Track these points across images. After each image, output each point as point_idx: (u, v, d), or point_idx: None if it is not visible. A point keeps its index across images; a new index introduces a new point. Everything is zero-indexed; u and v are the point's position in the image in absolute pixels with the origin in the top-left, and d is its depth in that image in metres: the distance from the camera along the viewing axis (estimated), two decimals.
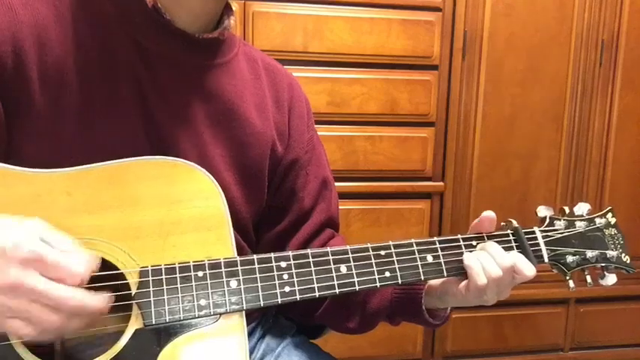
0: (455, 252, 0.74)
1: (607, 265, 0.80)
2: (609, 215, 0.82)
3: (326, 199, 0.86)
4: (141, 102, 0.68)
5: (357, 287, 0.69)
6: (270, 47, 1.60)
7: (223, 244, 0.66)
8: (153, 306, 0.61)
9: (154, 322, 0.61)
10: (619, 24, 1.83)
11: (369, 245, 0.72)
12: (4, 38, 0.60)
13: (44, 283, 0.51)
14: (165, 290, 0.62)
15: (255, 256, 0.67)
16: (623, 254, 0.81)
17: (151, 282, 0.62)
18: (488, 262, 0.72)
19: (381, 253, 0.71)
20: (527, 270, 0.72)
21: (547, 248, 0.78)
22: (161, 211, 0.64)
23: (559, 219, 0.80)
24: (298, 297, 0.67)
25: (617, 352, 2.09)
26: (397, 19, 1.69)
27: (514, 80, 1.81)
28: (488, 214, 0.76)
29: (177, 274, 0.63)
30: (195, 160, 0.67)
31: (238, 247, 0.68)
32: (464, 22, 1.74)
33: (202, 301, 0.63)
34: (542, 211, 0.81)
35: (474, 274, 0.71)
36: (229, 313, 0.64)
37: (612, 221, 0.82)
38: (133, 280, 0.61)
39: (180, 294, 0.62)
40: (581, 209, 0.82)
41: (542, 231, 0.79)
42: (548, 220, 0.80)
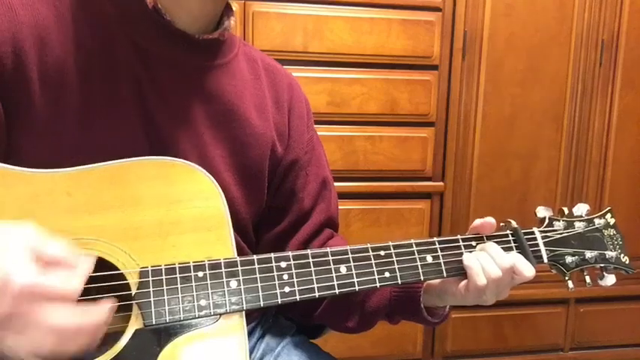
0: (454, 252, 0.74)
1: (606, 265, 0.81)
2: (608, 216, 0.83)
3: (326, 200, 0.86)
4: (141, 102, 0.68)
5: (356, 287, 0.69)
6: (270, 47, 1.60)
7: (223, 244, 0.66)
8: (153, 306, 0.61)
9: (154, 323, 0.61)
10: (619, 24, 1.83)
11: (368, 245, 0.72)
12: (4, 39, 0.60)
13: (38, 314, 0.49)
14: (165, 290, 0.62)
15: (255, 257, 0.67)
16: (622, 255, 0.81)
17: (151, 282, 0.62)
18: (488, 262, 0.72)
19: (381, 253, 0.72)
20: (527, 270, 0.73)
21: (546, 249, 0.78)
22: (161, 211, 0.64)
23: (558, 219, 0.81)
24: (298, 297, 0.67)
25: (617, 352, 2.09)
26: (397, 19, 1.68)
27: (514, 80, 1.81)
28: (490, 220, 0.77)
29: (178, 275, 0.63)
30: (195, 160, 0.67)
31: (238, 248, 0.68)
32: (464, 22, 1.74)
33: (202, 302, 0.63)
34: (542, 211, 0.81)
35: (474, 274, 0.72)
36: (229, 313, 0.64)
37: (611, 222, 0.82)
38: (133, 280, 0.61)
39: (180, 294, 0.62)
40: (580, 210, 0.82)
41: (542, 231, 0.79)
42: (547, 220, 0.80)
